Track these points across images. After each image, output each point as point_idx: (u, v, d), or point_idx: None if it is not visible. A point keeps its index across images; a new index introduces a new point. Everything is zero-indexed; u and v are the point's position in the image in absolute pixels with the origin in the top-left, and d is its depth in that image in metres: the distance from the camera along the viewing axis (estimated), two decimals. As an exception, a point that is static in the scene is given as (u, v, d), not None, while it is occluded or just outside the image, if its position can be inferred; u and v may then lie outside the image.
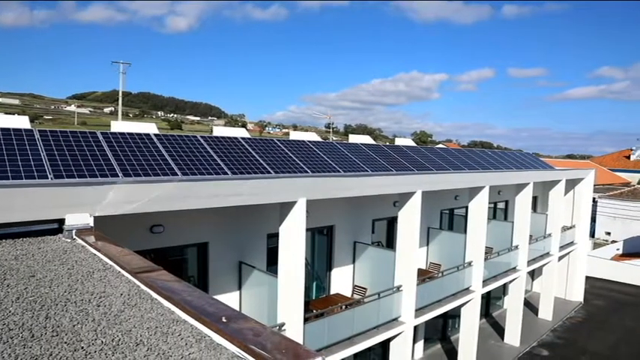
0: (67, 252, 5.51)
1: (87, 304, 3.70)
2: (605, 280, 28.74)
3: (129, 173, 8.11)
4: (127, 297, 3.93)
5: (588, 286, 26.20)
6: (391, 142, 20.02)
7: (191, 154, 9.47)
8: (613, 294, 26.76)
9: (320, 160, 11.91)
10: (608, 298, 26.12)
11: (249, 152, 10.80)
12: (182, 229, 9.80)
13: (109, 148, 8.52)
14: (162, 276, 4.48)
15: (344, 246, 13.86)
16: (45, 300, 3.67)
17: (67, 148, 8.06)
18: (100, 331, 3.11)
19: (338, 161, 12.52)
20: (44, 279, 4.27)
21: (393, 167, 13.91)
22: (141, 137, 9.59)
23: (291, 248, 9.48)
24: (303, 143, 13.01)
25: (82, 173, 7.55)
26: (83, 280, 4.37)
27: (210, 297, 4.00)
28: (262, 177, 8.47)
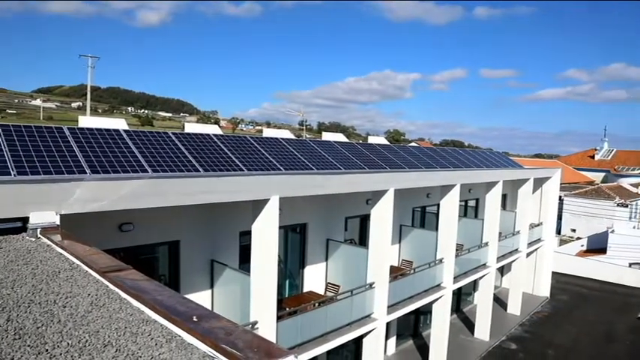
0: (31, 251, 5.34)
1: (52, 305, 3.58)
2: (570, 275, 29.58)
3: (97, 170, 7.88)
4: (94, 297, 3.83)
5: (554, 281, 26.93)
6: (364, 140, 20.02)
7: (162, 151, 9.27)
8: (577, 288, 27.56)
9: (293, 158, 11.85)
10: (573, 292, 26.90)
11: (222, 149, 10.65)
12: (152, 227, 9.61)
13: (77, 144, 8.25)
14: (132, 275, 4.38)
15: (317, 244, 13.86)
16: (7, 302, 3.54)
17: (32, 144, 7.77)
18: (66, 333, 3.02)
19: (311, 159, 12.46)
20: (6, 280, 4.12)
21: (366, 165, 13.96)
22: (110, 133, 9.33)
23: (264, 246, 9.41)
24: (277, 141, 12.92)
25: (47, 170, 7.31)
26: (48, 280, 4.24)
27: (181, 296, 3.94)
28: (235, 174, 8.40)
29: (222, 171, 9.40)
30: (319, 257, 14.01)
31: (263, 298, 9.43)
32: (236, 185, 8.33)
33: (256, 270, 9.46)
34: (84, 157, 8.19)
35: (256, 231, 9.48)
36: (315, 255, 13.87)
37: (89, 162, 8.00)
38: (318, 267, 14.00)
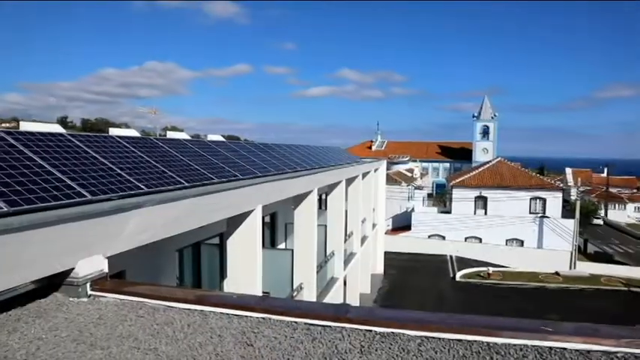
0: (103, 318, 3.81)
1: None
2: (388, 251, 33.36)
3: (152, 189, 5.71)
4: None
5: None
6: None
7: (138, 161, 7.13)
8: (399, 263, 31.37)
9: (188, 167, 9.50)
10: (397, 267, 30.50)
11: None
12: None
13: (100, 155, 5.64)
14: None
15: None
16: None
17: (66, 158, 5.02)
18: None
19: (209, 165, 9.40)
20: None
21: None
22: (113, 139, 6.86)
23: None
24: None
25: (99, 193, 5.03)
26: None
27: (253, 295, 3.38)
28: (241, 185, 7.09)
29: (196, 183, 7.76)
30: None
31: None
32: (242, 196, 7.09)
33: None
34: (127, 172, 5.87)
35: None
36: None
37: (137, 179, 5.73)
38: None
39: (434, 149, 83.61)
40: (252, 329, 3.52)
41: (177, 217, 5.74)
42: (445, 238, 37.68)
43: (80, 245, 4.29)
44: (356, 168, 20.21)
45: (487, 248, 35.00)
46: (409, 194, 43.47)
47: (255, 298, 4.27)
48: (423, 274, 28.78)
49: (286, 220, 16.18)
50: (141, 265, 8.63)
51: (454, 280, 28.23)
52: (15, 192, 4.52)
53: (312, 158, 16.96)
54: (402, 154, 70.36)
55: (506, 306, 23.07)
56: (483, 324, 3.20)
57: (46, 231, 3.97)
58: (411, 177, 52.83)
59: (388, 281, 27.23)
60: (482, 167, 44.18)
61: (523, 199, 39.27)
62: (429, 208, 39.74)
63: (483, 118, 73.42)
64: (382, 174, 27.92)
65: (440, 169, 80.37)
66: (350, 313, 3.49)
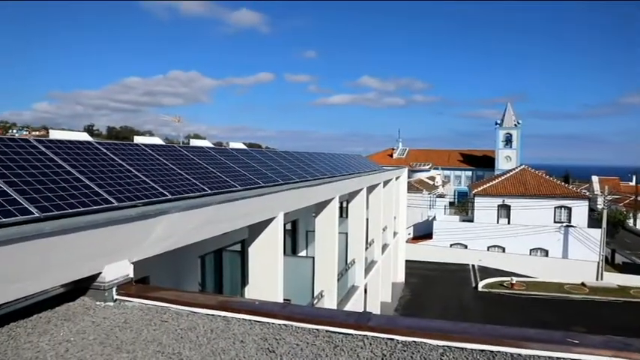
0: (129, 322, 3.88)
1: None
2: (410, 260, 33.09)
3: (175, 196, 5.87)
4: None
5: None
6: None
7: (162, 168, 7.28)
8: (420, 271, 31.07)
9: (209, 173, 9.52)
10: (418, 275, 30.22)
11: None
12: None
13: (128, 162, 5.85)
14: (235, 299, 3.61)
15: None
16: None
17: (92, 164, 5.22)
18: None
19: (230, 173, 9.52)
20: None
21: (281, 176, 11.82)
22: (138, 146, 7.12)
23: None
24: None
25: (126, 199, 5.20)
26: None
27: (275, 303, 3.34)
28: (263, 192, 7.16)
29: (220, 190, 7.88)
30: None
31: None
32: (264, 204, 7.16)
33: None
34: (154, 179, 6.04)
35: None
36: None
37: (161, 186, 5.89)
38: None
39: (456, 157, 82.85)
40: (274, 336, 3.55)
41: (201, 224, 5.83)
42: (467, 247, 37.23)
43: (107, 250, 4.40)
44: (377, 176, 20.15)
45: (510, 258, 34.44)
46: (431, 202, 43.10)
47: (277, 304, 4.30)
48: (445, 283, 28.46)
49: (307, 228, 16.22)
50: (164, 270, 8.76)
51: (476, 290, 27.82)
52: (46, 198, 4.66)
53: (333, 166, 17.01)
54: (423, 162, 69.91)
55: (530, 317, 22.64)
56: (507, 334, 3.17)
57: (75, 236, 4.08)
58: (432, 185, 52.42)
59: (409, 290, 27.01)
60: (506, 175, 43.58)
61: (547, 207, 38.58)
62: (451, 217, 39.35)
63: (506, 125, 72.52)
64: (403, 182, 27.77)
65: (462, 177, 79.55)
66: (372, 322, 3.50)
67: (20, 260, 3.57)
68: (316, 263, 12.43)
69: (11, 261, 3.49)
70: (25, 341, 3.42)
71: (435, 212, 40.84)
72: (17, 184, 4.66)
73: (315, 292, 12.35)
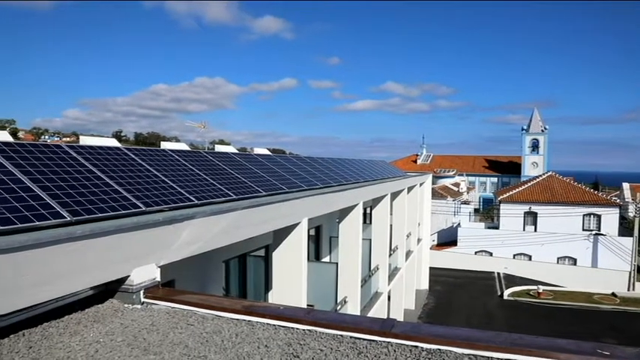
0: (156, 324, 3.93)
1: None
2: (434, 267, 32.74)
3: (202, 201, 6.02)
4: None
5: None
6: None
7: (187, 172, 7.43)
8: (444, 278, 30.70)
9: (234, 179, 9.22)
10: (442, 282, 29.87)
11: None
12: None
13: (153, 166, 6.04)
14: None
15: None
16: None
17: (120, 169, 5.41)
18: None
19: (255, 178, 9.56)
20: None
21: (306, 182, 11.65)
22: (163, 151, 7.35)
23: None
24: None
25: (155, 203, 5.35)
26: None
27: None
28: (290, 197, 7.22)
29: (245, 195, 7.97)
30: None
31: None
32: (289, 209, 7.22)
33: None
34: (176, 183, 6.21)
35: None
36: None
37: (188, 191, 6.03)
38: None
39: (481, 163, 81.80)
40: (298, 341, 3.57)
41: (226, 229, 5.90)
42: (492, 254, 36.64)
43: (135, 254, 4.49)
44: (401, 182, 20.05)
45: (537, 266, 33.76)
46: (455, 209, 42.62)
47: (302, 310, 4.32)
48: (470, 291, 28.05)
49: (331, 234, 16.22)
50: (189, 274, 8.88)
51: (502, 299, 27.32)
52: (77, 202, 4.79)
53: (357, 172, 17.01)
54: (447, 168, 69.23)
55: (558, 327, 22.13)
56: (533, 344, 3.12)
57: (105, 240, 4.18)
58: (457, 191, 51.81)
59: (433, 297, 26.70)
60: (532, 182, 42.80)
61: (576, 215, 37.72)
62: (476, 224, 38.84)
63: (533, 131, 71.32)
64: (428, 188, 27.55)
65: (487, 184, 78.48)
66: (396, 328, 3.49)
67: (53, 262, 3.68)
68: (340, 269, 12.42)
69: (45, 263, 3.60)
70: (58, 341, 3.52)
71: (459, 219, 40.36)
72: (50, 189, 4.80)
73: (338, 298, 12.34)
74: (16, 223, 3.96)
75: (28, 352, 3.31)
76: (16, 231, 3.83)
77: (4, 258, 3.30)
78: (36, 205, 4.39)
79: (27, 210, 4.24)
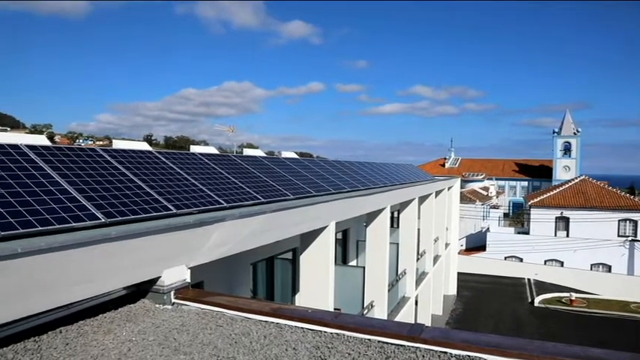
0: (186, 325, 3.97)
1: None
2: (462, 272, 32.27)
3: (231, 204, 6.17)
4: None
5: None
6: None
7: (216, 175, 7.56)
8: (473, 284, 30.21)
9: (264, 183, 9.27)
10: (471, 288, 29.40)
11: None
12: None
13: (184, 170, 6.24)
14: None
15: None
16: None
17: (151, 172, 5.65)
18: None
19: (284, 182, 9.63)
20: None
21: (333, 185, 11.69)
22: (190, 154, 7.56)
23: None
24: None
25: (186, 206, 5.52)
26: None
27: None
28: (315, 202, 7.26)
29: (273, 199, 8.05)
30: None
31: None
32: (316, 213, 7.25)
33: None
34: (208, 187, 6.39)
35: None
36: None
37: (217, 194, 6.18)
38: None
39: (511, 167, 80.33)
40: (326, 344, 3.58)
41: (255, 232, 5.97)
42: (523, 260, 35.89)
43: (166, 256, 4.58)
44: (429, 186, 19.87)
45: (569, 273, 32.89)
46: (484, 213, 41.94)
47: (329, 313, 4.33)
48: (499, 297, 27.52)
49: (358, 237, 16.18)
50: (218, 276, 8.98)
51: (532, 306, 26.71)
52: (110, 204, 4.93)
53: (384, 175, 16.95)
54: (476, 172, 68.21)
55: (591, 336, 21.51)
56: (567, 352, 3.05)
57: (137, 241, 4.28)
58: (486, 195, 50.99)
59: (461, 303, 26.30)
60: (564, 186, 41.78)
61: (611, 220, 36.63)
62: (506, 229, 38.14)
63: (565, 134, 69.68)
64: (456, 192, 27.20)
65: (517, 188, 77.01)
66: (425, 334, 3.46)
67: (89, 262, 3.79)
68: (367, 273, 12.37)
69: (82, 263, 3.72)
70: (92, 339, 3.62)
71: (488, 223, 39.71)
72: (86, 191, 4.95)
73: (365, 302, 12.30)
74: (54, 224, 4.10)
75: (65, 349, 3.42)
76: (54, 232, 3.97)
77: (43, 258, 3.42)
78: (72, 206, 4.53)
79: (64, 211, 4.38)
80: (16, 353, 3.28)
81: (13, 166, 4.79)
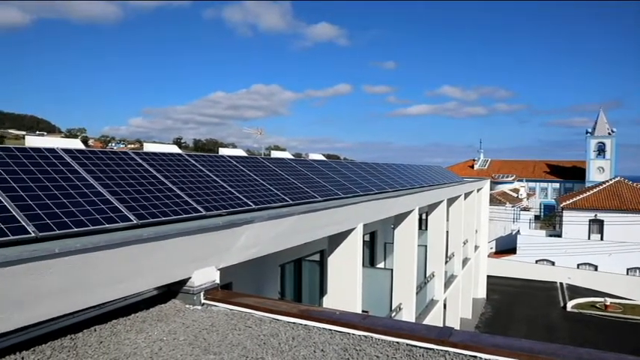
0: (215, 325, 4.02)
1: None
2: (492, 275, 31.71)
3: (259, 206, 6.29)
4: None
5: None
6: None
7: (243, 177, 7.67)
8: (503, 288, 29.66)
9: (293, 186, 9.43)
10: (501, 291, 28.86)
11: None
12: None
13: (213, 172, 6.41)
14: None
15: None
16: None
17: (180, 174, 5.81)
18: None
19: (312, 184, 9.69)
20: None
21: (367, 187, 11.92)
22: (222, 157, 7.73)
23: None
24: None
25: (216, 208, 5.65)
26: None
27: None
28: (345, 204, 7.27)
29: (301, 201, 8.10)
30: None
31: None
32: (344, 215, 7.26)
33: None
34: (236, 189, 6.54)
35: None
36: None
37: (246, 196, 6.31)
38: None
39: (542, 168, 78.56)
40: (354, 346, 3.58)
41: (283, 234, 6.01)
42: (554, 263, 35.05)
43: (196, 257, 4.66)
44: (458, 187, 19.63)
45: (604, 277, 31.93)
46: (514, 216, 41.14)
47: (357, 315, 4.33)
48: (530, 301, 26.93)
49: (386, 240, 16.10)
50: (246, 277, 9.08)
51: (565, 310, 26.03)
52: (142, 206, 5.04)
53: (412, 177, 16.84)
54: (506, 174, 66.98)
55: (627, 343, 20.82)
56: (601, 359, 2.97)
57: (168, 243, 4.37)
58: (516, 197, 50.03)
59: (491, 307, 25.85)
60: (598, 188, 40.61)
61: (648, 223, 35.40)
62: (537, 231, 37.31)
63: (598, 134, 67.70)
64: (485, 194, 26.77)
65: (548, 190, 75.24)
66: (454, 337, 3.43)
67: (122, 263, 3.89)
68: (395, 275, 12.30)
69: (115, 263, 3.82)
70: (125, 337, 3.71)
71: (519, 226, 38.90)
72: (118, 194, 5.09)
73: (393, 305, 12.23)
74: (89, 226, 4.23)
75: (99, 347, 3.51)
76: (88, 233, 4.09)
77: (79, 258, 3.53)
78: (105, 208, 4.66)
79: (98, 213, 4.51)
80: (53, 350, 3.39)
81: (50, 169, 4.96)
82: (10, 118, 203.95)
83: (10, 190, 4.25)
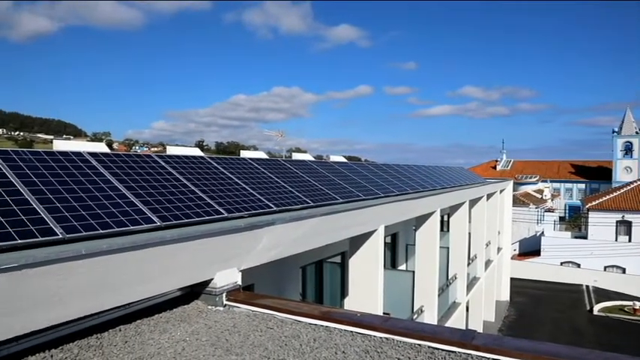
0: (237, 326, 4.04)
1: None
2: (516, 278, 31.23)
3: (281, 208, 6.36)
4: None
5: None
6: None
7: (267, 181, 7.74)
8: (527, 290, 29.19)
9: (313, 188, 9.39)
10: (525, 294, 28.42)
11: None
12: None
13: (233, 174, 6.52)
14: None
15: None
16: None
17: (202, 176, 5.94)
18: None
19: (332, 186, 9.67)
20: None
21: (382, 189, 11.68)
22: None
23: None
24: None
25: (237, 210, 5.74)
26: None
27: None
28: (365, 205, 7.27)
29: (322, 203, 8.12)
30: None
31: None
32: (365, 217, 7.26)
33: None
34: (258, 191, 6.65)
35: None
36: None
37: (267, 198, 6.40)
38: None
39: (566, 168, 77.07)
40: (375, 348, 3.57)
41: (305, 235, 6.03)
42: (580, 265, 34.34)
43: (218, 258, 4.71)
44: (480, 188, 19.41)
45: (632, 280, 31.14)
46: (538, 217, 40.45)
47: (379, 317, 4.32)
48: (554, 304, 26.43)
49: (407, 241, 16.01)
50: (268, 279, 9.12)
51: (591, 314, 25.49)
52: (165, 209, 5.12)
53: (434, 178, 16.69)
54: (529, 174, 65.91)
55: (658, 347, 20.29)
56: (630, 364, 2.90)
57: (191, 244, 4.43)
58: (540, 198, 49.17)
59: (515, 310, 25.46)
60: (626, 188, 39.65)
61: (678, 225, 34.44)
62: (562, 233, 36.63)
63: (625, 133, 66.07)
64: (508, 195, 26.39)
65: (574, 190, 73.77)
66: (477, 340, 3.39)
67: (146, 264, 3.96)
68: (416, 277, 12.21)
69: (139, 264, 3.89)
70: (149, 337, 3.77)
71: (543, 227, 38.22)
72: (142, 196, 5.17)
73: (414, 307, 12.14)
74: (114, 228, 4.31)
75: (124, 346, 3.58)
76: (113, 234, 4.18)
77: (105, 259, 3.61)
78: (130, 210, 4.74)
79: (123, 215, 4.60)
80: (80, 349, 3.47)
81: (76, 172, 5.07)
82: (39, 123, 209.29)
83: (39, 193, 4.37)
